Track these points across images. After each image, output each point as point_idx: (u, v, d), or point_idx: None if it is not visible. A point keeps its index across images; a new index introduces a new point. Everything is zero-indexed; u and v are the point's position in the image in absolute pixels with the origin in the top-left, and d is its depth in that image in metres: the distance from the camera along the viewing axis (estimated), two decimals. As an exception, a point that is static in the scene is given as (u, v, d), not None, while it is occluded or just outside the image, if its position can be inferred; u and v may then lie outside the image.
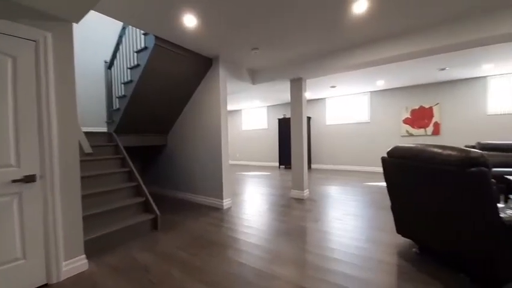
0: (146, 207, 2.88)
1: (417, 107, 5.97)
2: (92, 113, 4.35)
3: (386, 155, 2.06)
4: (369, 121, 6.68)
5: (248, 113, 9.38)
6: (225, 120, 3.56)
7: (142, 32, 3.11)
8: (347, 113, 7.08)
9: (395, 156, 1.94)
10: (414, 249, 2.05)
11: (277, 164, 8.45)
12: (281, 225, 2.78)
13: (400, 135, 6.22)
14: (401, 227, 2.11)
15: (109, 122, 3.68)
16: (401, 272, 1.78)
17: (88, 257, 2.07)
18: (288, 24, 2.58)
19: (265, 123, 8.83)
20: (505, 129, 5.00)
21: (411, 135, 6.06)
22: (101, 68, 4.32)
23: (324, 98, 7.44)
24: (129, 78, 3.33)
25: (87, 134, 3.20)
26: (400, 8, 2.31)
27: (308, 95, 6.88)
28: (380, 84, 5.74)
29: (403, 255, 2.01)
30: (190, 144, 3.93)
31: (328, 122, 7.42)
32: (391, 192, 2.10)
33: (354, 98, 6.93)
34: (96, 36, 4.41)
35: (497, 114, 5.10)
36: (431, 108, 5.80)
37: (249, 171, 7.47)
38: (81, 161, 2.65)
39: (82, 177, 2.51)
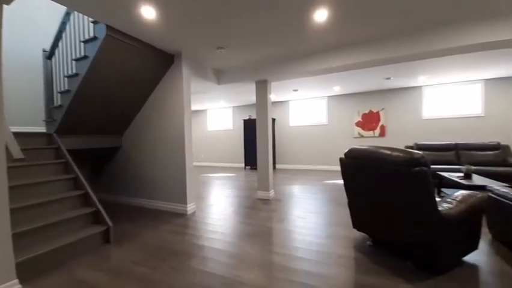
0: (96, 218, 2.54)
1: (367, 112, 6.59)
2: (26, 110, 3.69)
3: (343, 156, 2.18)
4: (327, 123, 7.13)
5: (213, 113, 9.15)
6: (189, 121, 3.37)
7: (91, 19, 2.74)
8: (308, 116, 7.44)
9: (351, 157, 2.08)
10: (368, 242, 2.22)
11: (243, 165, 8.42)
12: (247, 227, 2.74)
13: (353, 137, 6.78)
14: (357, 222, 2.27)
15: (49, 121, 3.16)
16: (357, 264, 1.90)
17: (22, 282, 1.72)
18: (253, 26, 2.56)
19: (231, 124, 8.72)
20: (437, 131, 5.86)
21: (362, 136, 6.66)
22: (38, 58, 3.69)
23: (288, 101, 7.69)
24: (74, 71, 2.90)
25: (19, 135, 2.68)
26: (355, 21, 2.49)
27: (273, 97, 7.01)
28: (336, 89, 6.16)
29: (359, 248, 2.16)
30: (149, 146, 3.62)
31: (291, 124, 7.68)
32: (348, 190, 2.25)
33: (314, 101, 7.31)
34: (34, 21, 3.75)
35: (431, 119, 5.94)
36: (378, 112, 6.46)
37: (215, 172, 7.28)
38: (9, 168, 2.20)
39: (11, 187, 2.09)
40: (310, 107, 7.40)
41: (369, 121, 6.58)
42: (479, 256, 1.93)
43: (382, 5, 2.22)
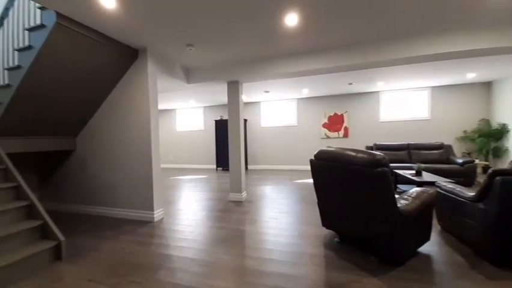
0: (44, 233, 2.20)
1: (332, 114, 6.95)
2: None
3: (313, 158, 2.23)
4: (297, 124, 7.33)
5: (183, 113, 8.75)
6: (155, 121, 3.14)
7: (38, 5, 2.37)
8: (279, 117, 7.56)
9: (320, 159, 2.13)
10: (336, 239, 2.31)
11: (214, 166, 8.21)
12: (219, 232, 2.64)
13: (320, 138, 7.09)
14: (325, 220, 2.34)
15: (-18, 120, 2.65)
16: (327, 262, 1.95)
17: None
18: (221, 26, 2.48)
19: (202, 125, 8.44)
20: (392, 133, 6.42)
21: (328, 137, 7.00)
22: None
23: (259, 102, 7.71)
24: (16, 63, 2.48)
25: None
26: (322, 28, 2.57)
27: (244, 98, 6.96)
28: (305, 92, 6.37)
29: (328, 245, 2.22)
30: (109, 148, 3.28)
31: (263, 125, 7.72)
32: (317, 190, 2.30)
33: (285, 103, 7.46)
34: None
35: (387, 121, 6.49)
36: (342, 115, 6.85)
37: (185, 174, 6.96)
38: None
39: None
40: (281, 109, 7.53)
41: (335, 123, 6.94)
42: (432, 246, 2.13)
43: (347, 15, 2.33)
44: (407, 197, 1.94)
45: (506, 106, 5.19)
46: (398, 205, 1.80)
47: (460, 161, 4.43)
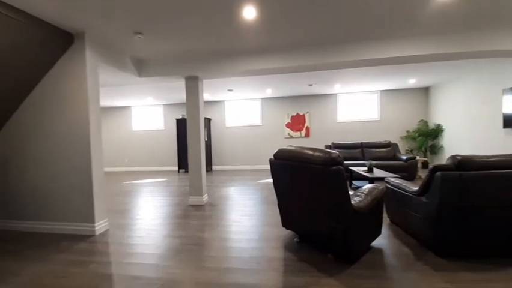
0: None
1: (295, 114, 7.10)
2: None
3: (272, 157, 2.14)
4: (261, 124, 7.31)
5: (140, 111, 7.99)
6: (97, 118, 2.70)
7: None
8: (244, 116, 7.43)
9: (279, 158, 2.05)
10: (295, 239, 2.26)
11: (176, 168, 7.69)
12: (174, 242, 2.37)
13: (284, 137, 7.19)
14: (285, 221, 2.28)
15: None
16: (286, 265, 1.87)
17: None
18: (175, 13, 2.23)
19: (162, 124, 7.83)
20: (348, 132, 6.83)
21: (291, 137, 7.14)
22: None
23: (223, 101, 7.47)
24: None
25: None
26: (281, 26, 2.51)
27: (208, 96, 6.65)
28: (269, 92, 6.36)
29: (288, 246, 2.15)
30: (38, 150, 2.72)
31: (228, 124, 7.50)
32: (277, 190, 2.22)
33: (249, 102, 7.37)
34: None
35: (343, 122, 6.88)
36: (304, 115, 7.05)
37: (142, 178, 6.34)
38: None
39: None
40: (245, 108, 7.41)
41: (297, 123, 7.11)
42: (383, 240, 2.22)
43: (304, 15, 2.29)
44: (360, 193, 1.97)
45: (441, 108, 5.94)
46: (352, 202, 1.81)
47: (404, 157, 4.89)
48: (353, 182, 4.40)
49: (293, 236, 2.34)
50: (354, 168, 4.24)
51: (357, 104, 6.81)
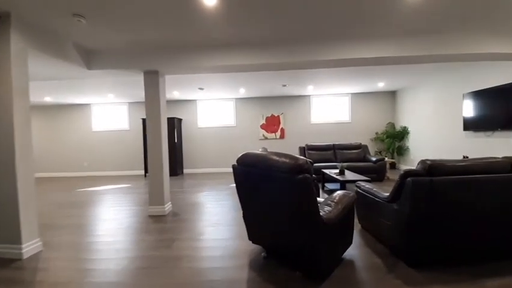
0: None
1: (269, 115, 6.94)
2: None
3: (235, 163, 1.89)
4: (235, 125, 7.02)
5: (101, 109, 7.22)
6: (24, 118, 2.20)
7: None
8: (217, 117, 7.09)
9: (242, 164, 1.80)
10: (263, 254, 2.02)
11: (143, 172, 7.06)
12: (119, 265, 1.98)
13: (259, 139, 6.99)
14: (252, 234, 2.03)
15: None
16: None
17: None
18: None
19: (126, 124, 7.15)
20: (321, 134, 6.84)
21: (266, 138, 6.96)
22: None
23: (195, 100, 7.05)
24: None
25: None
26: (246, 18, 2.27)
27: (177, 94, 6.19)
28: (242, 92, 6.11)
29: (253, 264, 1.90)
30: None
31: (200, 125, 7.09)
32: (242, 200, 1.97)
33: (223, 102, 7.05)
34: None
35: (317, 123, 6.88)
36: (278, 116, 6.93)
37: (101, 184, 5.67)
38: None
39: None
40: (218, 108, 7.07)
41: (272, 124, 6.96)
42: (354, 249, 2.08)
43: (273, 9, 2.08)
44: (330, 202, 1.80)
45: (406, 112, 6.20)
46: (322, 213, 1.62)
47: (374, 159, 4.96)
48: (326, 184, 4.32)
49: (261, 251, 2.10)
50: (327, 171, 4.17)
51: (330, 106, 6.86)
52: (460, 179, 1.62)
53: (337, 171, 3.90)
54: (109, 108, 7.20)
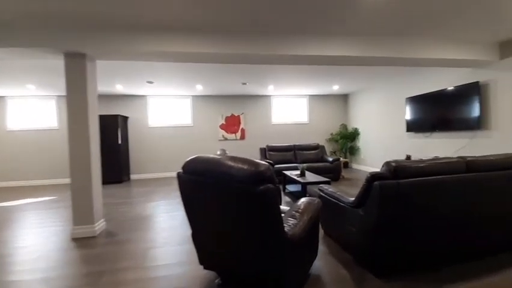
0: None
1: (229, 115, 6.56)
2: None
3: (181, 170, 1.47)
4: (192, 125, 6.42)
5: (20, 103, 5.73)
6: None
7: None
8: (172, 115, 6.36)
9: (191, 172, 1.40)
10: (216, 282, 1.65)
11: (76, 178, 5.84)
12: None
13: (218, 139, 6.54)
14: (203, 257, 1.63)
15: None
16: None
17: None
18: None
19: (55, 121, 5.85)
20: (282, 134, 6.77)
21: (226, 139, 6.56)
22: None
23: (145, 96, 6.18)
24: None
25: None
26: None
27: (121, 88, 5.29)
28: (199, 89, 5.59)
29: (207, 293, 1.52)
30: None
31: (151, 124, 6.25)
32: (190, 216, 1.56)
33: (178, 100, 6.36)
34: None
35: (278, 124, 6.79)
36: (239, 116, 6.60)
37: (18, 197, 4.42)
38: None
39: None
40: (173, 106, 6.36)
41: (232, 124, 6.59)
42: (319, 260, 1.88)
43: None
44: (295, 212, 1.54)
45: (357, 114, 6.58)
46: (286, 228, 1.35)
47: (330, 159, 5.05)
48: (287, 186, 4.17)
49: (214, 278, 1.72)
50: (288, 172, 4.01)
51: (290, 107, 6.86)
52: (426, 181, 1.54)
53: (298, 172, 3.77)
54: (31, 103, 5.77)
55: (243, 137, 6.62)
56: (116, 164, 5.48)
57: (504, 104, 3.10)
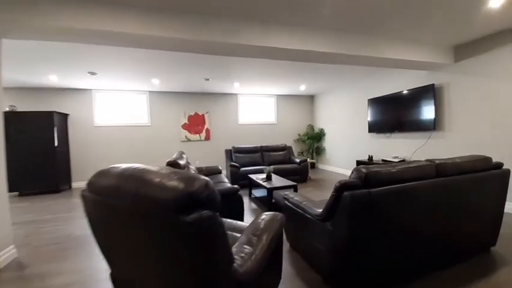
0: None
1: (193, 114, 6.03)
2: None
3: (86, 187, 1.03)
4: (149, 124, 5.72)
5: None
6: None
7: None
8: (125, 113, 5.57)
9: (98, 191, 0.97)
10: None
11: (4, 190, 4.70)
12: None
13: (180, 140, 5.96)
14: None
15: None
16: None
17: None
18: None
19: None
20: (249, 135, 6.47)
21: (189, 140, 6.01)
22: None
23: (90, 90, 5.29)
24: None
25: None
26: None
27: (56, 80, 4.39)
28: (156, 83, 4.96)
29: None
30: None
31: (98, 123, 5.38)
32: (103, 251, 1.12)
33: (131, 95, 5.60)
34: None
35: (245, 124, 6.47)
36: (203, 115, 6.11)
37: None
38: None
39: None
40: (127, 102, 5.58)
41: (196, 124, 6.07)
42: (284, 283, 1.60)
43: None
44: (252, 236, 1.22)
45: (323, 114, 6.62)
46: (237, 262, 1.01)
47: (298, 160, 4.92)
48: (253, 191, 3.86)
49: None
50: (254, 176, 3.71)
51: (258, 107, 6.61)
52: (398, 189, 1.36)
53: (264, 176, 3.49)
54: None
55: (208, 138, 6.15)
56: (51, 170, 4.54)
57: (457, 106, 3.26)
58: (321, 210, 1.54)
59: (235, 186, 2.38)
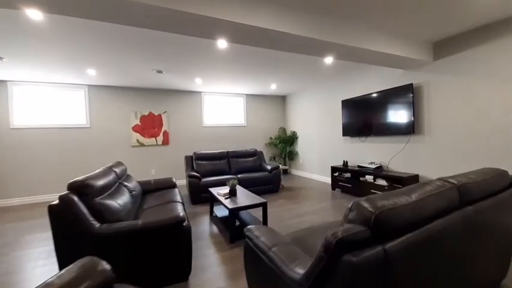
0: None
1: (147, 114, 5.08)
2: None
3: None
4: (88, 126, 4.62)
5: None
6: None
7: None
8: (54, 111, 4.40)
9: None
10: None
11: None
12: None
13: (131, 145, 4.96)
14: None
15: None
16: None
17: None
18: None
19: None
20: (215, 138, 5.72)
21: (142, 145, 5.04)
22: None
23: (5, 81, 4.04)
24: None
25: None
26: None
27: None
28: (93, 74, 3.95)
29: None
30: None
31: (17, 124, 4.13)
32: None
33: (64, 90, 4.46)
34: None
35: (210, 126, 5.71)
36: (160, 115, 5.20)
37: None
38: None
39: None
40: (58, 99, 4.41)
41: (151, 125, 5.12)
42: None
43: None
44: None
45: (295, 117, 6.20)
46: None
47: (269, 167, 4.36)
48: (214, 209, 3.15)
49: None
50: (215, 190, 3.01)
51: (225, 107, 5.91)
52: (423, 235, 0.82)
53: (227, 191, 2.82)
54: None
55: (166, 142, 5.25)
56: None
57: (438, 107, 3.01)
58: (302, 272, 0.93)
59: (180, 215, 1.68)
